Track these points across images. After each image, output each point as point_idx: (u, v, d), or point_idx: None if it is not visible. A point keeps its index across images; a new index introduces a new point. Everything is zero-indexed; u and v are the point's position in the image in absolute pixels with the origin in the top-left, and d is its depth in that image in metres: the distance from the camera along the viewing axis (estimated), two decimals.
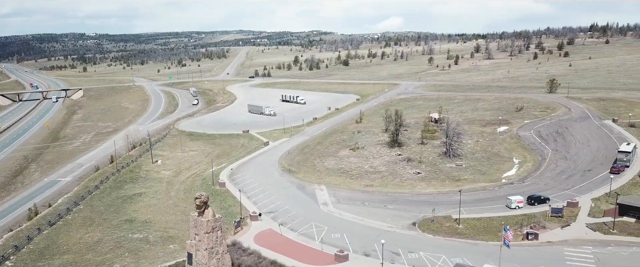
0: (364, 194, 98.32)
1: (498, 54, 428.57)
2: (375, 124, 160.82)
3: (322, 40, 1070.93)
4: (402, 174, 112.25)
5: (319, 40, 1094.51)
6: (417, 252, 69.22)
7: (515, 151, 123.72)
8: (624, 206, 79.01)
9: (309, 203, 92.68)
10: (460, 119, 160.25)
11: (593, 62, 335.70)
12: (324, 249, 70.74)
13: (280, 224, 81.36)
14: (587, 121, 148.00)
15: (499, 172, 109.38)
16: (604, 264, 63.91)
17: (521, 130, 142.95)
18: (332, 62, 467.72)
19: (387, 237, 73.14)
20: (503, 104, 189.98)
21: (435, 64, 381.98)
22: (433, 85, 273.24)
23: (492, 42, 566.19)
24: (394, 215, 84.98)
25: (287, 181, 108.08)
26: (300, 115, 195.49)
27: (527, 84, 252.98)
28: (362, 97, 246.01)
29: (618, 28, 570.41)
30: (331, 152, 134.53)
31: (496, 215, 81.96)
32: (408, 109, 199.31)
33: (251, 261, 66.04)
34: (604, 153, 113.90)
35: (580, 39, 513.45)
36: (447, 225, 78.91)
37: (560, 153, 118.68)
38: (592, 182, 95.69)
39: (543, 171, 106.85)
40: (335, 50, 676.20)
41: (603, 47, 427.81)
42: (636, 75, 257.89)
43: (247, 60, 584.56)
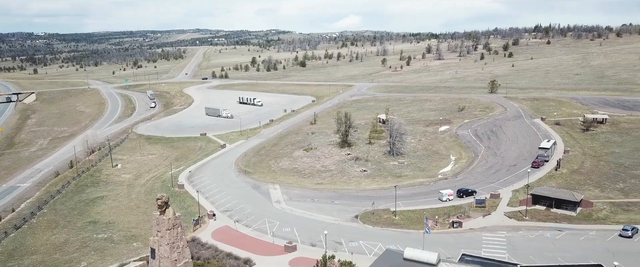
0: (314, 192, 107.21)
1: (448, 54, 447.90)
2: (329, 126, 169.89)
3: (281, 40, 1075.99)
4: (350, 172, 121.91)
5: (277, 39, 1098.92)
6: (357, 241, 78.57)
7: (453, 149, 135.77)
8: (536, 196, 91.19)
9: (263, 201, 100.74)
10: (405, 120, 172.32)
11: (534, 62, 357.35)
12: (275, 242, 79.08)
13: (235, 221, 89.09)
14: (519, 120, 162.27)
15: (436, 169, 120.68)
16: (513, 246, 75.07)
17: (460, 129, 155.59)
18: (289, 63, 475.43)
19: (332, 229, 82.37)
20: (447, 104, 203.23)
21: (388, 65, 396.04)
22: (385, 86, 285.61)
23: (443, 42, 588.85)
24: (339, 210, 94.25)
25: (243, 181, 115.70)
26: (257, 117, 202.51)
27: (472, 84, 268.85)
28: (318, 99, 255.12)
29: (559, 29, 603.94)
30: (286, 153, 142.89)
31: (429, 207, 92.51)
32: (360, 110, 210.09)
33: (209, 254, 73.68)
34: (529, 149, 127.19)
35: (524, 39, 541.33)
36: (385, 217, 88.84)
37: (491, 150, 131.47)
38: (515, 176, 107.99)
39: (475, 167, 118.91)
40: (293, 50, 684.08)
41: (545, 48, 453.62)
42: (569, 75, 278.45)
43: (205, 61, 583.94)
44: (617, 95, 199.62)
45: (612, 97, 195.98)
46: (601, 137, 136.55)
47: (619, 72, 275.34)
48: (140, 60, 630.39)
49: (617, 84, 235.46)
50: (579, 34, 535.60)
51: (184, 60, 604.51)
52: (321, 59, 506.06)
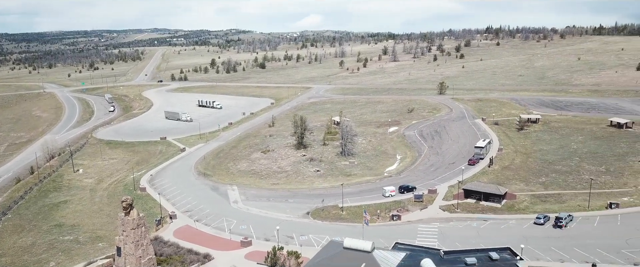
0: (270, 192, 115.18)
1: (403, 56, 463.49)
2: (286, 128, 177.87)
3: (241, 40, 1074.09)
4: (304, 173, 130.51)
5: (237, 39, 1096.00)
6: (307, 235, 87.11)
7: (399, 149, 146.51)
8: (467, 190, 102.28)
9: (221, 202, 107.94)
10: (358, 121, 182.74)
11: (483, 63, 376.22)
12: (232, 238, 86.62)
13: (195, 220, 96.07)
14: (462, 121, 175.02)
15: (383, 168, 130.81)
16: (443, 235, 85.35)
17: (407, 130, 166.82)
18: (249, 64, 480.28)
19: (285, 225, 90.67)
20: (398, 105, 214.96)
21: (345, 67, 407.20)
22: (342, 88, 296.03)
23: (400, 43, 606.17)
24: (292, 207, 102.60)
25: (202, 183, 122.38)
26: (217, 120, 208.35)
27: (423, 85, 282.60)
28: (277, 101, 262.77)
29: (509, 30, 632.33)
30: (244, 155, 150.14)
31: (373, 202, 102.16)
32: (317, 112, 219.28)
33: (171, 251, 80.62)
34: (468, 148, 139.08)
35: (476, 40, 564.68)
36: (333, 212, 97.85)
37: (434, 149, 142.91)
38: (453, 173, 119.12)
39: (417, 165, 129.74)
40: (253, 51, 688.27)
41: (494, 49, 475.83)
42: (513, 76, 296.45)
43: (163, 62, 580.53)
44: (553, 96, 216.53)
45: (548, 97, 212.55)
46: (533, 135, 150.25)
47: (558, 73, 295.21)
48: (97, 62, 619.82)
49: (554, 85, 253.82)
50: (526, 36, 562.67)
51: (142, 62, 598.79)
52: (281, 60, 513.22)
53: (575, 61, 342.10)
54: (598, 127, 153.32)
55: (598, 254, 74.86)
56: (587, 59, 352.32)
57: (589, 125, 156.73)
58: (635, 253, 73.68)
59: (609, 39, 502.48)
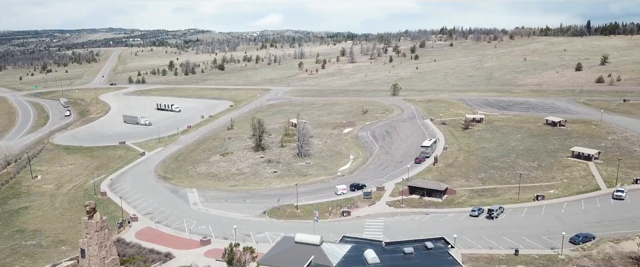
0: (229, 193, 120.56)
1: (361, 57, 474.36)
2: (245, 131, 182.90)
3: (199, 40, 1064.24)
4: (262, 174, 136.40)
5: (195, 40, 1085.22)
6: (264, 233, 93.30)
7: (352, 149, 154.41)
8: (412, 187, 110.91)
9: (181, 204, 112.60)
10: (315, 123, 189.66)
11: (436, 64, 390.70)
12: (192, 238, 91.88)
13: (156, 222, 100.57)
14: (412, 121, 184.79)
15: (337, 167, 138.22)
16: (388, 228, 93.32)
17: (361, 131, 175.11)
18: (208, 66, 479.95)
19: (242, 224, 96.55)
20: (354, 107, 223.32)
21: (304, 69, 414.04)
22: (300, 90, 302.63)
23: (357, 44, 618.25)
24: (250, 207, 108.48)
25: (162, 186, 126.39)
26: (176, 123, 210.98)
27: (379, 87, 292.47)
28: (236, 103, 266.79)
29: (462, 31, 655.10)
30: (203, 158, 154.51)
31: (326, 200, 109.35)
32: (275, 114, 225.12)
33: (133, 251, 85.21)
34: (416, 147, 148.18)
35: (431, 41, 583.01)
36: (288, 211, 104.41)
37: (384, 149, 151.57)
38: (400, 171, 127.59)
39: (368, 164, 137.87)
40: (212, 52, 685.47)
41: (448, 50, 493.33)
42: (464, 77, 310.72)
43: (120, 64, 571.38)
44: (498, 96, 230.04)
45: (493, 98, 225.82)
46: (476, 134, 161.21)
47: (505, 73, 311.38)
48: (50, 64, 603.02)
49: (501, 85, 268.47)
50: (478, 36, 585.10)
51: (98, 64, 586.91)
52: (240, 61, 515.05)
53: (522, 62, 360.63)
54: (535, 126, 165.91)
55: (522, 241, 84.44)
56: (533, 59, 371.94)
57: (527, 124, 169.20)
58: (553, 238, 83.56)
59: (554, 39, 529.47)
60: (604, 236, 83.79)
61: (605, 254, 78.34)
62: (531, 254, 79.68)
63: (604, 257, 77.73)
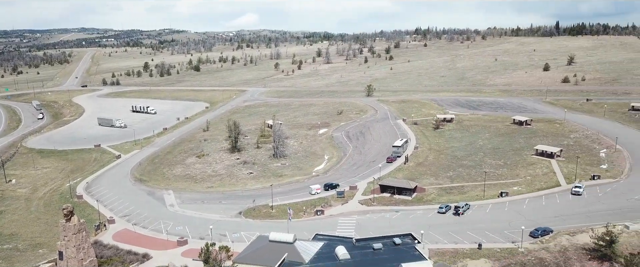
0: (205, 194, 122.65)
1: (337, 58, 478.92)
2: (221, 132, 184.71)
3: (175, 40, 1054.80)
4: (238, 175, 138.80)
5: (170, 40, 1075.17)
6: (239, 233, 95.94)
7: (327, 149, 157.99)
8: (383, 185, 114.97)
9: (157, 206, 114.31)
10: (291, 124, 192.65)
11: (410, 65, 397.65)
12: (169, 238, 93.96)
13: (133, 224, 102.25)
14: (385, 121, 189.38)
15: (312, 168, 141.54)
16: (360, 226, 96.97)
17: (336, 131, 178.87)
18: (183, 67, 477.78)
19: (218, 225, 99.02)
20: (329, 108, 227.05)
21: (281, 69, 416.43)
22: (276, 91, 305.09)
23: (333, 45, 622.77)
24: (226, 208, 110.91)
25: (139, 189, 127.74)
26: (151, 125, 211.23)
27: (354, 88, 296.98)
28: (212, 105, 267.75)
29: (436, 31, 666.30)
30: (179, 160, 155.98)
31: (300, 200, 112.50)
32: (251, 115, 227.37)
33: (111, 253, 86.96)
34: (388, 147, 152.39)
35: (405, 41, 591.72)
36: (264, 211, 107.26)
37: (358, 149, 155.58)
38: (372, 170, 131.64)
39: (342, 164, 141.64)
40: (188, 52, 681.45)
41: (422, 51, 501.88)
42: (436, 77, 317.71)
43: (94, 65, 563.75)
44: (469, 96, 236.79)
45: (464, 98, 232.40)
46: (447, 134, 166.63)
47: (477, 74, 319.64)
48: (20, 65, 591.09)
49: (472, 85, 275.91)
50: (451, 37, 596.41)
51: (71, 65, 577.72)
52: (216, 62, 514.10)
53: (493, 62, 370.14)
54: (503, 125, 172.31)
55: (485, 235, 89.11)
56: (504, 59, 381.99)
57: (496, 123, 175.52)
58: (514, 233, 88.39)
59: (525, 40, 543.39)
60: (561, 229, 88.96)
61: (561, 247, 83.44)
62: (493, 247, 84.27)
63: (560, 249, 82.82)
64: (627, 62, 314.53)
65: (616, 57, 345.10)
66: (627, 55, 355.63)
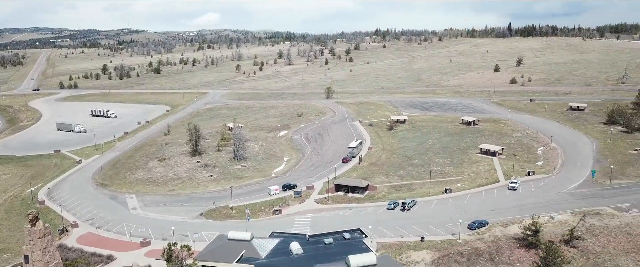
0: (167, 197, 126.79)
1: (298, 59, 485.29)
2: (182, 136, 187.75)
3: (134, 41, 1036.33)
4: (199, 178, 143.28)
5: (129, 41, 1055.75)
6: (200, 233, 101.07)
7: (287, 151, 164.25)
8: (338, 185, 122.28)
9: (120, 209, 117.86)
10: (251, 126, 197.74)
11: (369, 66, 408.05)
12: (132, 240, 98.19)
13: (97, 227, 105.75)
14: (342, 123, 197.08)
15: (271, 169, 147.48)
16: (315, 223, 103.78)
17: (295, 133, 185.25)
18: (143, 69, 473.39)
19: (180, 226, 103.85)
20: (290, 110, 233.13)
21: (242, 71, 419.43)
22: (237, 93, 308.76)
23: (295, 46, 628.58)
24: (187, 210, 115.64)
25: (101, 193, 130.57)
26: (112, 130, 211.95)
27: (314, 89, 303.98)
28: (173, 108, 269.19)
29: (395, 33, 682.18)
30: (141, 164, 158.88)
31: (259, 200, 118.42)
32: (212, 118, 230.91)
33: (76, 255, 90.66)
34: (345, 148, 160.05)
35: (365, 43, 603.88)
36: (224, 212, 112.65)
37: (316, 150, 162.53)
38: (328, 170, 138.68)
39: (301, 165, 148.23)
40: (148, 54, 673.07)
41: (381, 52, 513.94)
42: (393, 79, 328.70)
43: (49, 67, 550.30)
44: (422, 97, 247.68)
45: (418, 99, 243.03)
46: (399, 134, 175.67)
47: (432, 75, 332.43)
48: None
49: (426, 87, 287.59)
50: (410, 38, 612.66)
51: (25, 68, 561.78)
52: (176, 64, 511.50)
53: (448, 63, 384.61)
54: (452, 125, 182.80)
55: (429, 228, 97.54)
56: (458, 60, 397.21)
57: (446, 123, 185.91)
58: (454, 226, 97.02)
59: (479, 41, 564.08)
60: (496, 221, 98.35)
61: (494, 237, 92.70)
62: (435, 239, 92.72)
63: (494, 239, 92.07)
64: (570, 63, 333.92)
65: (561, 58, 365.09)
66: (571, 56, 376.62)
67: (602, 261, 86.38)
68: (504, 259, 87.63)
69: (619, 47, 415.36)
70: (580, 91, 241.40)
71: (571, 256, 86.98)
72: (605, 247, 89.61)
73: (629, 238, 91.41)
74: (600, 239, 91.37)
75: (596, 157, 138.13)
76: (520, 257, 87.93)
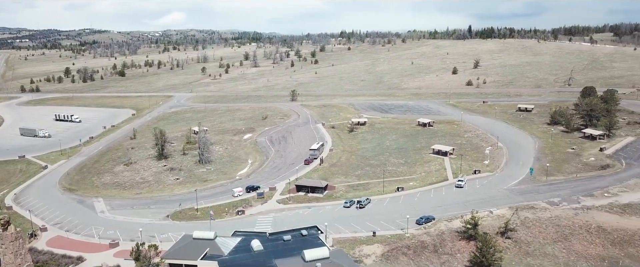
0: (134, 201, 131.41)
1: (264, 61, 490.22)
2: (148, 140, 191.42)
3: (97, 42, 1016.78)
4: (165, 181, 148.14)
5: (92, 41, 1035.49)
6: (167, 233, 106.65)
7: (251, 154, 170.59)
8: (299, 185, 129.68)
9: (88, 213, 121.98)
10: (216, 130, 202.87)
11: (334, 69, 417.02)
12: (101, 242, 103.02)
13: (66, 230, 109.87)
14: (306, 126, 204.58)
15: (235, 172, 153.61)
16: (276, 222, 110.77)
17: (260, 136, 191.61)
18: (107, 72, 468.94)
19: (148, 228, 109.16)
20: (255, 113, 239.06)
21: (208, 74, 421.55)
22: (203, 96, 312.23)
23: (261, 48, 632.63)
24: (154, 212, 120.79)
25: (68, 198, 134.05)
26: (77, 134, 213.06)
27: (279, 92, 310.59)
28: (138, 112, 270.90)
29: (360, 35, 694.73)
30: (107, 168, 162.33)
31: (224, 202, 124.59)
32: (178, 122, 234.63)
33: (46, 258, 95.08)
34: (307, 150, 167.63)
35: (331, 45, 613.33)
36: (189, 213, 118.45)
37: (280, 153, 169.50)
38: (291, 172, 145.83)
39: (264, 167, 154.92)
40: (112, 56, 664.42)
41: (345, 54, 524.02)
42: (357, 81, 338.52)
43: (9, 70, 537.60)
44: (383, 100, 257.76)
45: (379, 101, 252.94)
46: (359, 136, 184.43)
47: (393, 77, 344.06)
48: None
49: (387, 89, 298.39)
50: (374, 40, 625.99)
51: None
52: (141, 66, 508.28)
53: (409, 66, 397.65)
54: (409, 127, 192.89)
55: (381, 224, 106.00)
56: (420, 63, 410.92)
57: (403, 125, 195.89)
58: (404, 221, 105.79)
59: (441, 43, 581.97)
60: (441, 216, 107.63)
61: (439, 231, 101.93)
62: (385, 234, 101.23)
63: (438, 233, 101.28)
64: (524, 65, 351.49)
65: (516, 61, 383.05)
66: (525, 58, 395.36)
67: (532, 250, 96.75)
68: (447, 250, 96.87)
69: (569, 49, 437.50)
70: (531, 93, 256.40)
71: (505, 246, 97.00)
72: (536, 237, 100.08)
73: (557, 229, 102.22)
74: (532, 231, 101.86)
75: (537, 155, 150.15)
76: (461, 248, 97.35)
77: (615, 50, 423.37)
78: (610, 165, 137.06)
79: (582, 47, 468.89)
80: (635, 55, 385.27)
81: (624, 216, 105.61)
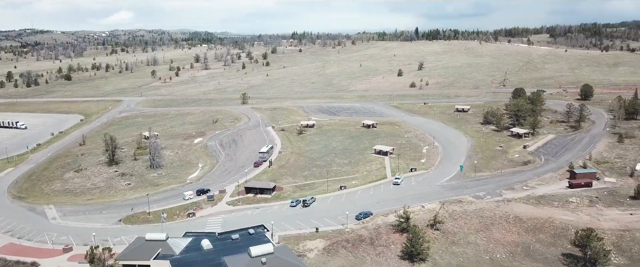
0: (86, 206, 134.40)
1: (215, 63, 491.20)
2: (98, 146, 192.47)
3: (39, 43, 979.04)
4: (117, 187, 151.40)
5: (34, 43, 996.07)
6: (120, 237, 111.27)
7: (201, 158, 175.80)
8: (248, 187, 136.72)
9: (40, 220, 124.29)
10: (167, 134, 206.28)
11: (285, 71, 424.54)
12: (54, 247, 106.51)
13: (18, 238, 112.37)
14: (256, 129, 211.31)
15: (186, 176, 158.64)
16: (226, 223, 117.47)
17: (210, 140, 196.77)
18: (52, 76, 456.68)
19: (101, 232, 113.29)
20: (206, 117, 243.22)
21: (158, 77, 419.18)
22: (153, 100, 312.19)
23: (212, 49, 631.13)
24: (106, 217, 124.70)
25: (18, 206, 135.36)
26: (23, 141, 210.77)
27: (231, 95, 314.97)
28: (87, 117, 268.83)
29: (311, 36, 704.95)
30: (57, 175, 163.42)
31: (175, 205, 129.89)
32: (128, 127, 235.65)
33: (0, 264, 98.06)
34: (257, 153, 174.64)
35: (282, 47, 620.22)
36: (142, 217, 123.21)
37: (230, 156, 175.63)
38: (241, 174, 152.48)
39: (214, 171, 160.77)
40: (56, 58, 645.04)
41: (297, 56, 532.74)
42: (307, 83, 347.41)
43: None
44: (331, 102, 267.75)
45: (327, 104, 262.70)
46: (308, 138, 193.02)
47: (342, 80, 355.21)
48: None
49: (336, 92, 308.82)
50: (325, 42, 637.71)
51: None
52: (88, 70, 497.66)
53: (358, 68, 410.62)
54: (354, 128, 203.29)
55: (323, 221, 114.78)
56: (368, 65, 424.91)
57: (349, 127, 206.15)
58: (345, 217, 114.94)
59: (389, 44, 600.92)
60: (379, 212, 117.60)
61: (376, 225, 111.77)
62: (327, 230, 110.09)
63: (375, 227, 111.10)
64: (465, 67, 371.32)
65: (458, 62, 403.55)
66: (467, 59, 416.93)
67: (457, 239, 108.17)
68: (382, 242, 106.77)
69: (508, 51, 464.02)
70: (468, 94, 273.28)
71: (434, 237, 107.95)
72: (461, 228, 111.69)
73: (481, 220, 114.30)
74: (459, 222, 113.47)
75: (469, 153, 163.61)
76: (394, 240, 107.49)
77: (548, 52, 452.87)
78: (531, 161, 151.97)
79: (520, 48, 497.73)
80: (565, 56, 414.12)
81: (538, 206, 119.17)
